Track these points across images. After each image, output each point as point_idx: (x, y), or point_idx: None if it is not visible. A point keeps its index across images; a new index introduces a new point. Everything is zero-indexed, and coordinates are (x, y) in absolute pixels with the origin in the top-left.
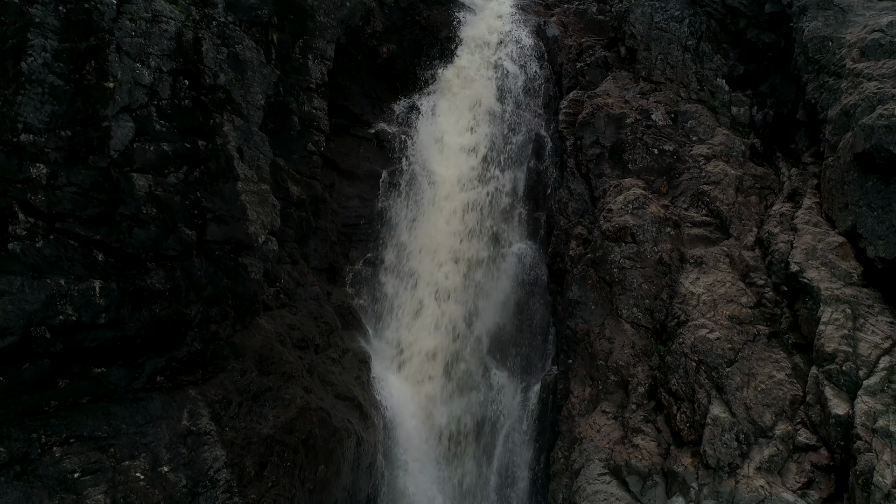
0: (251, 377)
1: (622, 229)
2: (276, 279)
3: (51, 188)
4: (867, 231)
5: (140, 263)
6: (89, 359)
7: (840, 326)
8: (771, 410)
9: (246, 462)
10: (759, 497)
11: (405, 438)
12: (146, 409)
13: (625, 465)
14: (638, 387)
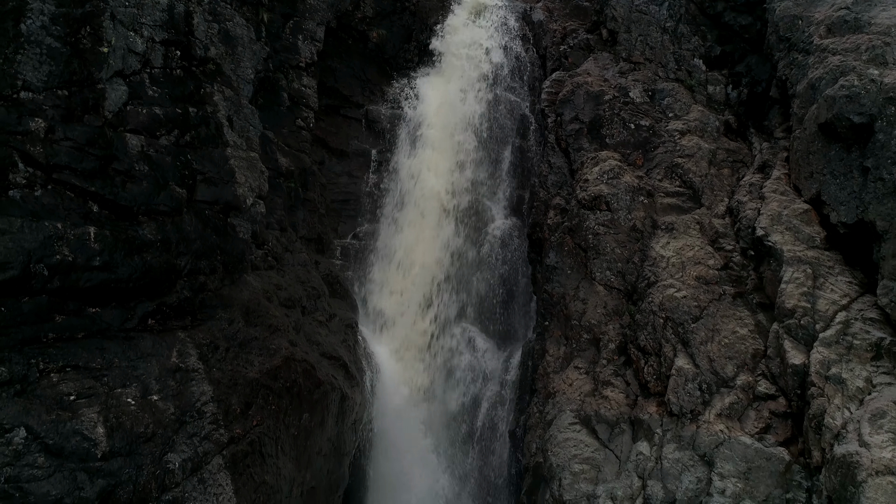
0: (238, 327)
1: (597, 198)
2: (264, 242)
3: (49, 141)
4: (830, 198)
5: (132, 216)
6: (84, 298)
7: (800, 285)
8: (733, 363)
9: (232, 400)
10: (718, 440)
11: (390, 401)
12: (137, 347)
13: (594, 414)
14: (609, 343)
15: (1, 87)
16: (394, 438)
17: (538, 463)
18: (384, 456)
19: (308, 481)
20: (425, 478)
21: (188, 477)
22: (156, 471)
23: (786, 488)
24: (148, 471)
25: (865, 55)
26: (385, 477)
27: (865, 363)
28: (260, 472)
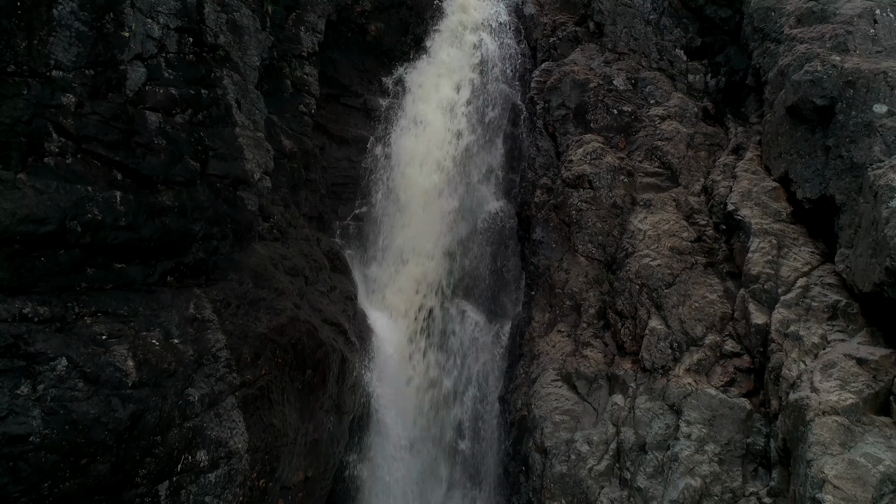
0: (247, 287)
1: (581, 177)
2: (270, 216)
3: (78, 115)
4: (796, 176)
5: (152, 184)
6: (111, 254)
7: (766, 254)
8: (702, 324)
9: (243, 350)
10: (686, 392)
11: (387, 368)
12: (159, 299)
13: (574, 372)
14: (589, 308)
15: (36, 66)
16: (390, 403)
17: (523, 416)
18: (381, 419)
19: (311, 433)
20: (420, 441)
21: (206, 410)
22: (178, 401)
23: (746, 434)
24: (171, 401)
25: (829, 43)
26: (382, 439)
27: (822, 322)
28: (268, 415)
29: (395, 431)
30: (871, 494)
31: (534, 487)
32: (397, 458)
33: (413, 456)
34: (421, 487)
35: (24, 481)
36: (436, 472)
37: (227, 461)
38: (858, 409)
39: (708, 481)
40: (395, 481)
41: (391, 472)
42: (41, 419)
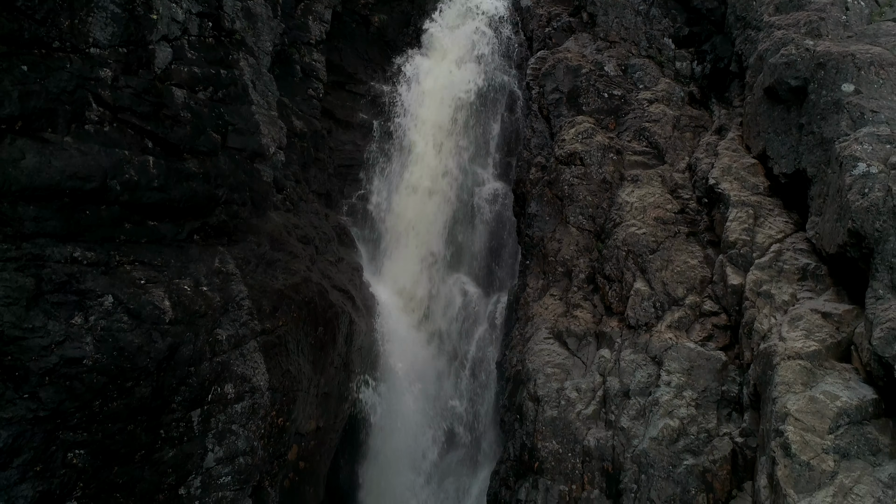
0: (265, 249)
1: (573, 154)
2: (283, 188)
3: (114, 87)
4: (773, 152)
5: (179, 153)
6: (146, 213)
7: (743, 222)
8: (683, 286)
9: (263, 302)
10: (667, 345)
11: (391, 335)
12: (187, 253)
13: (565, 330)
14: (580, 274)
15: (77, 43)
16: (394, 367)
17: (518, 371)
18: (384, 383)
19: (322, 386)
20: (421, 403)
21: (232, 349)
22: (208, 339)
23: (721, 382)
24: (203, 338)
25: (804, 28)
26: (386, 402)
27: (792, 283)
28: (285, 362)
29: (400, 391)
30: (828, 425)
31: (527, 432)
32: (402, 413)
33: (419, 412)
34: (425, 438)
35: (79, 398)
36: (438, 425)
37: (250, 395)
38: (821, 355)
39: (685, 422)
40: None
41: (398, 421)
42: (93, 345)
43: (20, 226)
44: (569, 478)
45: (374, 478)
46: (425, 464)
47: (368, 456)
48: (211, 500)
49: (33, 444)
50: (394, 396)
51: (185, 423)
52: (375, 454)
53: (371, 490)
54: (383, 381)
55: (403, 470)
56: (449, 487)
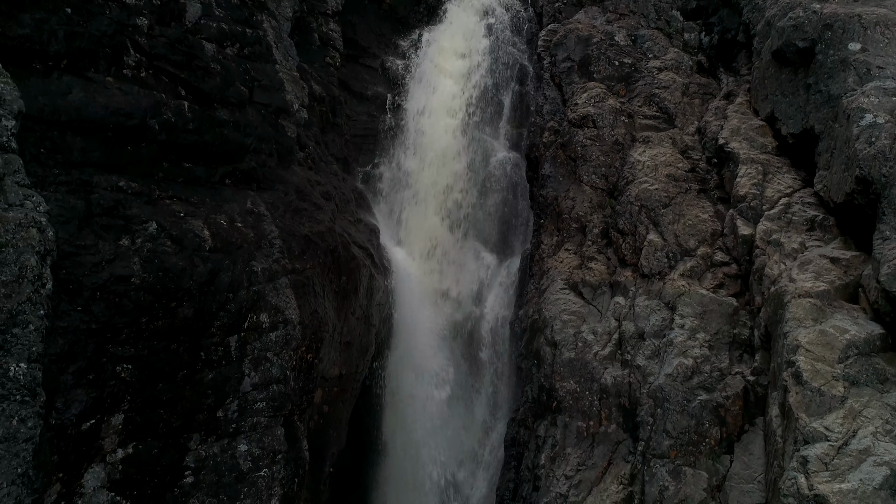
0: (291, 198)
1: (585, 117)
2: (305, 146)
3: (150, 35)
4: (781, 114)
5: (210, 102)
6: (181, 154)
7: (752, 178)
8: (695, 238)
9: (292, 244)
10: (680, 292)
11: (407, 297)
12: (221, 194)
13: (580, 281)
14: (594, 229)
15: None
16: (410, 329)
17: (534, 320)
18: (401, 343)
19: (345, 334)
20: (438, 361)
21: (266, 282)
22: (245, 268)
23: (733, 325)
24: (240, 267)
25: None
26: (401, 363)
27: (801, 233)
28: (313, 302)
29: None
30: (838, 356)
31: (545, 374)
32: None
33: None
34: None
35: (127, 315)
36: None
37: (283, 326)
38: (830, 294)
39: (699, 361)
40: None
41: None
42: (140, 265)
43: (69, 154)
44: (586, 415)
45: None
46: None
47: (385, 406)
48: (247, 425)
49: (86, 354)
50: (409, 352)
51: (224, 347)
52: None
53: (392, 437)
54: (399, 338)
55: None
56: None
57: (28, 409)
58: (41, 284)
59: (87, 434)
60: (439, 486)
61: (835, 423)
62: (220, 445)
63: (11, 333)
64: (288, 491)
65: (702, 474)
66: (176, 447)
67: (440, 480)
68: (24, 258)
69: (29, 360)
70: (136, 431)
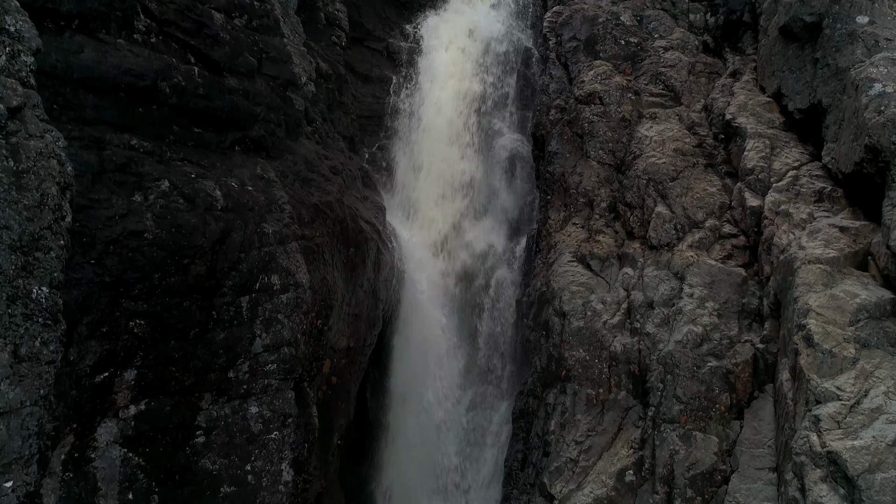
0: (300, 168)
1: (592, 94)
2: (313, 121)
3: (160, 2)
4: (788, 90)
5: (220, 70)
6: (192, 118)
7: (760, 151)
8: (703, 211)
9: (301, 211)
10: (688, 262)
11: (414, 275)
12: (231, 160)
13: (588, 253)
14: (601, 203)
15: None
16: (415, 307)
17: (542, 292)
18: (407, 322)
19: (353, 306)
20: (442, 341)
21: (276, 245)
22: (256, 229)
23: (742, 295)
24: (251, 228)
25: None
26: (407, 342)
27: (809, 204)
28: (322, 269)
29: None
30: (849, 319)
31: (554, 344)
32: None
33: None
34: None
35: (140, 270)
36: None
37: (294, 289)
38: (839, 262)
39: (708, 329)
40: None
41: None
42: (153, 221)
43: (82, 111)
44: (596, 382)
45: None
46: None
47: (392, 377)
48: (258, 387)
49: (100, 307)
50: (417, 329)
51: (235, 307)
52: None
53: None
54: (407, 317)
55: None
56: (472, 415)
57: (50, 333)
58: (61, 216)
59: (100, 387)
60: (444, 468)
61: (846, 384)
62: (232, 406)
63: (34, 256)
64: (298, 455)
65: (712, 439)
66: (188, 406)
67: (445, 461)
68: (46, 186)
69: (50, 286)
70: (148, 388)
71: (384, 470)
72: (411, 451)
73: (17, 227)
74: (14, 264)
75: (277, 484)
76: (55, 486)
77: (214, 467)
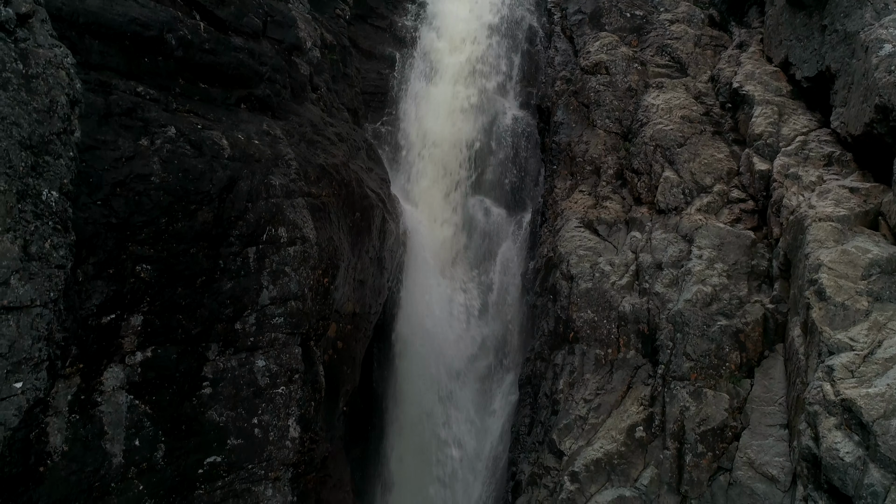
0: (306, 130)
1: (598, 64)
2: (318, 88)
3: None
4: (796, 58)
5: (225, 29)
6: (197, 73)
7: (768, 117)
8: (711, 176)
9: (308, 170)
10: (697, 225)
11: (418, 246)
12: (237, 115)
13: (596, 219)
14: (608, 170)
15: None
16: (419, 279)
17: (549, 258)
18: (411, 294)
19: (359, 272)
20: (447, 314)
21: (283, 198)
22: (263, 180)
23: (751, 257)
24: (258, 178)
25: None
26: (412, 314)
27: (818, 167)
28: (328, 228)
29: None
30: (861, 273)
31: (561, 306)
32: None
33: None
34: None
35: (147, 214)
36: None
37: (301, 242)
38: (850, 220)
39: (717, 289)
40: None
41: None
42: (159, 165)
43: (88, 56)
44: (604, 343)
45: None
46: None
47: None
48: (265, 340)
49: (106, 248)
50: (421, 302)
51: (242, 258)
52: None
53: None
54: (411, 288)
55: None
56: (477, 390)
57: (59, 238)
58: (70, 129)
59: (107, 329)
60: (440, 439)
61: (860, 335)
62: (238, 359)
63: (44, 159)
64: (305, 413)
65: (723, 396)
66: (194, 356)
67: (451, 432)
68: (55, 93)
69: (60, 191)
70: (154, 335)
71: (389, 442)
72: (416, 424)
73: (26, 125)
74: (24, 161)
75: (284, 439)
76: (61, 426)
77: (221, 419)
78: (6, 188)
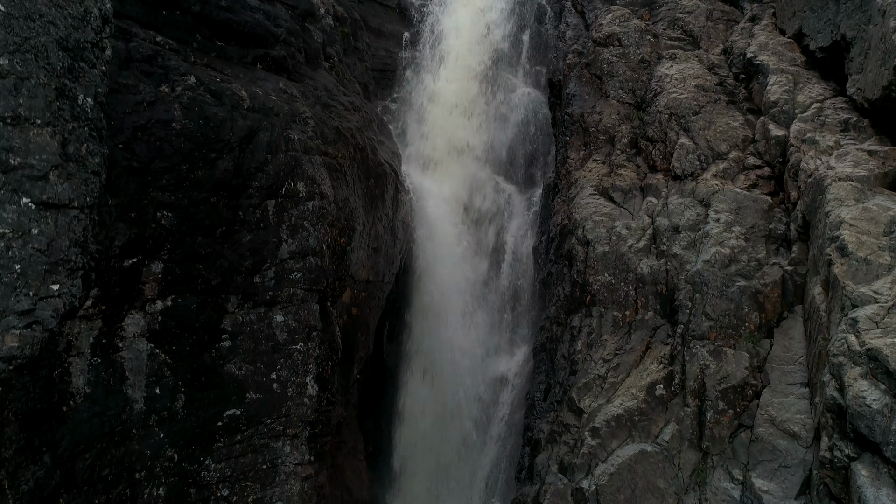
0: (322, 93)
1: (610, 35)
2: (330, 57)
3: None
4: (809, 29)
5: None
6: (214, 30)
7: (783, 85)
8: (726, 143)
9: (324, 129)
10: (713, 190)
11: (430, 219)
12: (253, 74)
13: (610, 186)
14: (622, 139)
15: None
16: (432, 252)
17: (564, 224)
18: (424, 265)
19: (373, 238)
20: (459, 285)
21: (302, 153)
22: (282, 133)
23: (769, 221)
24: (277, 131)
25: None
26: (424, 286)
27: (835, 133)
28: (344, 189)
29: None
30: (882, 229)
31: (578, 271)
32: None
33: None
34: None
35: (167, 159)
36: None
37: (319, 198)
38: (869, 180)
39: (736, 251)
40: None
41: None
42: (180, 112)
43: None
44: (622, 305)
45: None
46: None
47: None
48: (283, 295)
49: (128, 191)
50: (435, 272)
51: (262, 210)
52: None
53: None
54: (424, 258)
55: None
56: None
57: (95, 145)
58: (102, 46)
59: (128, 272)
60: (462, 410)
61: (883, 287)
62: (258, 313)
63: (79, 65)
64: (322, 371)
65: (743, 354)
66: (214, 307)
67: (463, 403)
68: (88, 4)
69: (94, 98)
70: (175, 283)
71: (401, 412)
72: (429, 396)
73: (62, 27)
74: (61, 62)
75: (303, 396)
76: (83, 368)
77: (240, 372)
78: (45, 81)
